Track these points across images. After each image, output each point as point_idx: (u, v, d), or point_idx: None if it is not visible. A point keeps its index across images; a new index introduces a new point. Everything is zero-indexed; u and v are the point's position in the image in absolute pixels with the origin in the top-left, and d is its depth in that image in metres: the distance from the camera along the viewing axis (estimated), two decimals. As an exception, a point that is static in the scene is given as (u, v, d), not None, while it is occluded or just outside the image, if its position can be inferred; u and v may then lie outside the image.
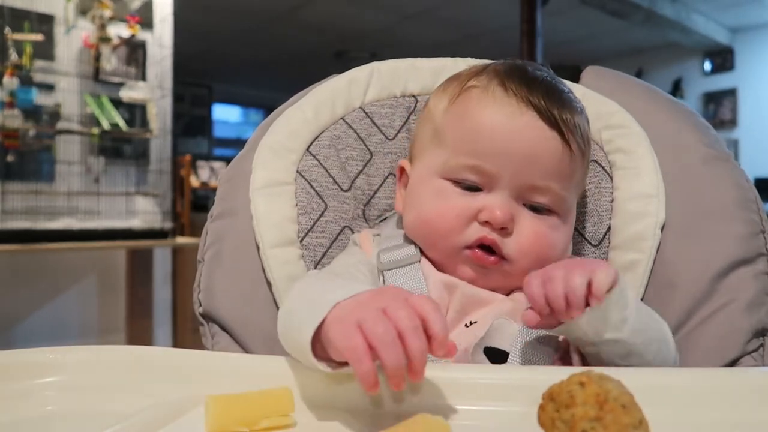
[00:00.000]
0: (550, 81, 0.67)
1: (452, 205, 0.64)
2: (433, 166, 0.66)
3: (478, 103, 0.65)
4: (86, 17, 2.79)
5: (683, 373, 0.52)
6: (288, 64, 6.40)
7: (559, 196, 0.64)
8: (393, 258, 0.67)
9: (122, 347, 0.57)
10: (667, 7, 4.91)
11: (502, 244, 0.62)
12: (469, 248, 0.63)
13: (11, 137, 2.52)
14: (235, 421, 0.43)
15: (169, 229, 2.93)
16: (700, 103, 5.93)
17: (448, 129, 0.66)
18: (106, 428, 0.41)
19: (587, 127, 0.68)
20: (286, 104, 0.82)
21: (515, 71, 0.66)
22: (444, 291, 0.64)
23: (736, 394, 0.47)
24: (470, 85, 0.67)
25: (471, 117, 0.64)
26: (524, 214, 0.63)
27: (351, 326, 0.42)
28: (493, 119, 0.63)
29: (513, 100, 0.63)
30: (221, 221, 0.77)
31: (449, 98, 0.68)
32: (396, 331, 0.41)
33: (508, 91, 0.64)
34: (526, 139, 0.62)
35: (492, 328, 0.61)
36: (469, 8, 4.77)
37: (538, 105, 0.62)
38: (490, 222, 0.62)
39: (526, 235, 0.63)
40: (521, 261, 0.63)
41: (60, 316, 2.94)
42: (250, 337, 0.71)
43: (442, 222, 0.64)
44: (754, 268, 0.68)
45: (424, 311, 0.42)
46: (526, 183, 0.63)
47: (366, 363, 0.40)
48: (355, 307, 0.45)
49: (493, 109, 0.63)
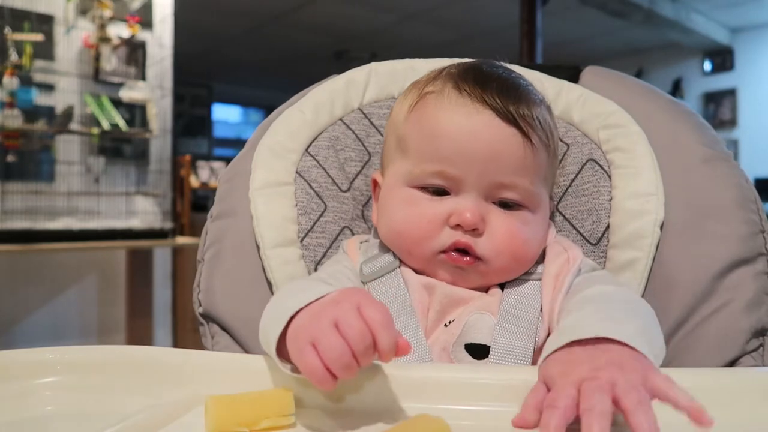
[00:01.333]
0: (505, 77, 0.67)
1: (422, 212, 0.64)
2: (399, 175, 0.67)
3: (435, 107, 0.65)
4: (86, 17, 2.79)
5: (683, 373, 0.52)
6: (288, 64, 6.40)
7: (527, 191, 0.64)
8: (374, 268, 0.67)
9: (122, 347, 0.57)
10: (667, 7, 4.91)
11: (475, 245, 0.62)
12: (444, 252, 0.63)
13: (11, 137, 2.52)
14: (235, 421, 0.43)
15: (169, 229, 2.93)
16: (700, 103, 5.93)
17: (409, 137, 0.67)
18: (106, 428, 0.41)
19: (550, 119, 0.68)
20: (286, 104, 0.82)
21: (469, 72, 0.66)
22: (424, 293, 0.64)
23: (736, 394, 0.47)
24: (426, 90, 0.67)
25: (429, 122, 0.65)
26: (495, 213, 0.64)
27: (305, 345, 0.44)
28: (451, 122, 0.63)
29: (468, 101, 0.63)
30: (221, 221, 0.77)
31: (408, 106, 0.68)
32: (349, 351, 0.42)
33: (462, 92, 0.64)
34: (486, 139, 0.62)
35: (468, 324, 0.61)
36: (469, 8, 4.77)
37: (493, 103, 0.62)
38: (461, 225, 0.62)
39: (500, 234, 0.63)
40: (496, 260, 0.63)
41: (60, 316, 2.94)
42: (250, 337, 0.71)
43: (414, 230, 0.64)
44: (754, 268, 0.68)
45: (373, 327, 0.43)
46: (492, 182, 0.63)
47: (327, 383, 0.43)
48: (308, 322, 0.46)
49: (449, 112, 0.64)
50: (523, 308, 0.63)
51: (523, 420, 0.43)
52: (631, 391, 0.39)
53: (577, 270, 0.64)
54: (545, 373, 0.46)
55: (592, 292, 0.59)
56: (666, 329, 0.67)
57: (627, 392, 0.39)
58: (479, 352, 0.60)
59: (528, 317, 0.62)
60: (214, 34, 5.54)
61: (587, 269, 0.65)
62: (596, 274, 0.65)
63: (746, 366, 0.65)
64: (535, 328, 0.61)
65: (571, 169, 0.76)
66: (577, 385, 0.41)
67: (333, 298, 0.48)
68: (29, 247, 2.49)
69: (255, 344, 0.70)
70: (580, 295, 0.59)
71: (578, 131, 0.78)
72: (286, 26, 5.29)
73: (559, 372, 0.45)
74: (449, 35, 5.45)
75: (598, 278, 0.63)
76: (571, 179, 0.76)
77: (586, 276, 0.64)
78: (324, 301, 0.48)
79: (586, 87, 0.81)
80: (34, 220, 2.63)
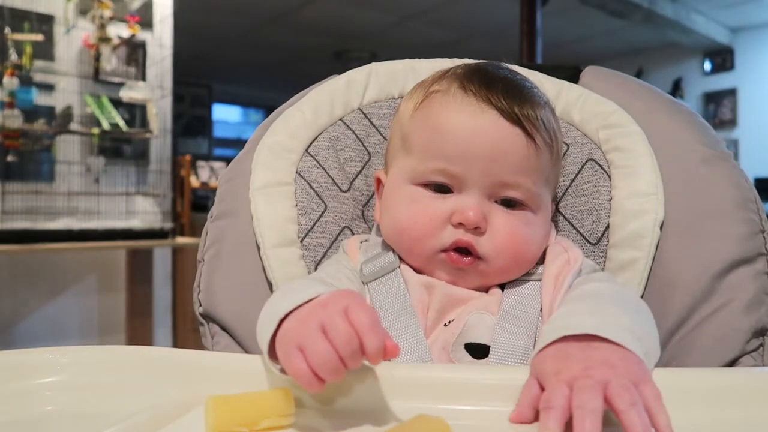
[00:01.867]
0: (510, 79, 0.67)
1: (424, 209, 0.64)
2: (403, 173, 0.67)
3: (440, 106, 0.65)
4: (86, 17, 2.79)
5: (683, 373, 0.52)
6: (288, 64, 6.40)
7: (530, 191, 0.64)
8: (374, 268, 0.67)
9: (122, 347, 0.57)
10: (667, 7, 4.91)
11: (477, 244, 0.63)
12: (445, 251, 0.64)
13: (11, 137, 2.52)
14: (235, 421, 0.43)
15: (169, 229, 2.93)
16: (700, 103, 5.92)
17: (414, 135, 0.67)
18: (106, 428, 0.41)
19: (554, 120, 0.68)
20: (286, 105, 0.82)
21: (475, 72, 0.67)
22: (424, 292, 0.65)
23: (736, 394, 0.47)
24: (432, 90, 0.68)
25: (434, 121, 0.65)
26: (497, 212, 0.64)
27: (292, 349, 0.44)
28: (455, 121, 0.64)
29: (473, 101, 0.64)
30: (221, 221, 0.77)
31: (414, 104, 0.69)
32: (336, 356, 0.42)
33: (467, 92, 0.64)
34: (489, 138, 0.62)
35: (468, 324, 0.61)
36: (469, 8, 4.77)
37: (498, 103, 0.63)
38: (463, 223, 0.62)
39: (501, 234, 0.63)
40: (497, 259, 0.63)
41: (60, 316, 2.94)
42: (251, 337, 0.70)
43: (416, 227, 0.64)
44: (754, 268, 0.68)
45: (360, 330, 0.43)
46: (495, 180, 0.63)
47: (314, 386, 0.43)
48: (296, 325, 0.46)
49: (454, 111, 0.64)
50: (523, 308, 0.63)
51: (520, 418, 0.44)
52: (623, 391, 0.40)
53: (577, 271, 0.64)
54: (538, 369, 0.47)
55: (587, 288, 0.59)
56: (666, 329, 0.67)
57: (619, 392, 0.40)
58: (479, 351, 0.60)
59: (528, 317, 0.62)
60: (214, 34, 5.54)
61: (588, 270, 0.66)
62: (596, 275, 0.66)
63: (746, 366, 0.65)
64: (535, 328, 0.61)
65: (571, 169, 0.76)
66: (570, 384, 0.42)
67: (321, 301, 0.48)
68: (29, 247, 2.49)
69: (255, 344, 0.70)
70: (576, 292, 0.60)
71: (578, 131, 0.78)
72: (286, 26, 5.29)
73: (552, 369, 0.45)
74: (449, 35, 5.45)
75: (597, 278, 0.64)
76: (571, 179, 0.76)
77: (586, 277, 0.64)
78: (312, 304, 0.48)
79: (586, 87, 0.81)
80: (34, 220, 2.63)
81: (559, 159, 0.71)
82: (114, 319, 3.09)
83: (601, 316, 0.49)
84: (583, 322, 0.47)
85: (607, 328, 0.46)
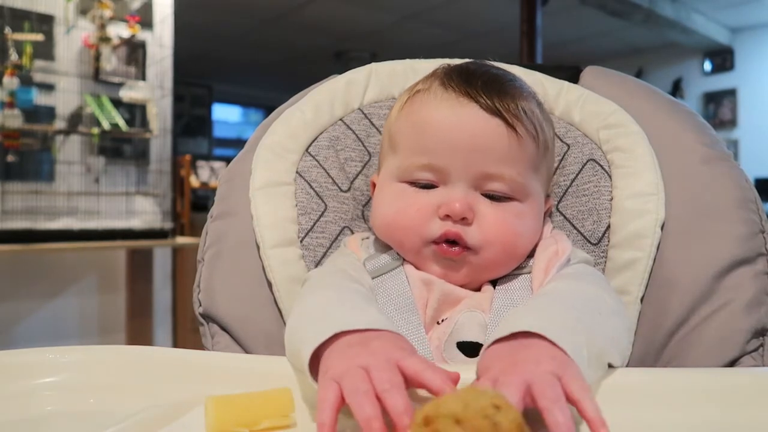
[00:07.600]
0: (491, 73, 0.68)
1: (412, 202, 0.65)
2: (390, 171, 0.68)
3: (421, 104, 0.67)
4: (86, 17, 2.79)
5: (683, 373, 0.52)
6: (288, 64, 6.40)
7: (515, 182, 0.64)
8: (378, 265, 0.68)
9: (122, 347, 0.57)
10: (667, 7, 4.91)
11: (465, 235, 0.63)
12: (435, 243, 0.64)
13: (11, 137, 2.52)
14: (235, 421, 0.43)
15: (169, 229, 2.93)
16: (700, 103, 5.92)
17: (399, 134, 0.68)
18: (106, 428, 0.41)
19: (539, 111, 0.68)
20: (286, 105, 0.82)
21: (456, 70, 0.68)
22: (424, 288, 0.65)
23: (736, 394, 0.47)
24: (416, 89, 0.69)
25: (415, 117, 0.67)
26: (484, 203, 0.64)
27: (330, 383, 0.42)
28: (435, 115, 0.65)
29: (453, 95, 0.65)
30: (221, 221, 0.77)
31: (400, 106, 0.70)
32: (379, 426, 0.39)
33: (448, 88, 0.66)
34: (469, 130, 0.63)
35: (459, 323, 0.62)
36: (469, 8, 4.77)
37: (476, 96, 0.64)
38: (449, 215, 0.63)
39: (489, 223, 0.63)
40: (487, 250, 0.63)
41: (60, 316, 2.94)
42: (250, 337, 0.71)
43: (403, 219, 0.65)
44: (754, 268, 0.68)
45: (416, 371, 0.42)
46: (478, 172, 0.63)
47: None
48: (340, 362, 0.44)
49: (434, 107, 0.65)
50: (513, 304, 0.63)
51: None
52: (546, 388, 0.39)
53: (564, 262, 0.64)
54: (478, 367, 0.47)
55: (546, 288, 0.60)
56: (666, 329, 0.67)
57: (542, 389, 0.39)
58: (472, 350, 0.61)
59: None
60: (214, 34, 5.54)
61: (576, 261, 0.66)
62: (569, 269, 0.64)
63: (746, 366, 0.65)
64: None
65: (572, 169, 0.76)
66: (494, 381, 0.42)
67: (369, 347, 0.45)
68: (29, 247, 2.49)
69: (255, 344, 0.70)
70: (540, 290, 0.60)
71: (578, 131, 0.78)
72: (286, 26, 5.29)
73: (482, 367, 0.46)
74: (449, 35, 5.45)
75: (568, 275, 0.63)
76: (572, 179, 0.76)
77: (562, 272, 0.63)
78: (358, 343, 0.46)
79: (586, 87, 0.81)
80: (34, 220, 2.63)
81: (548, 149, 0.70)
82: (114, 319, 3.09)
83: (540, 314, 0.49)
84: (519, 321, 0.47)
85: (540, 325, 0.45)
